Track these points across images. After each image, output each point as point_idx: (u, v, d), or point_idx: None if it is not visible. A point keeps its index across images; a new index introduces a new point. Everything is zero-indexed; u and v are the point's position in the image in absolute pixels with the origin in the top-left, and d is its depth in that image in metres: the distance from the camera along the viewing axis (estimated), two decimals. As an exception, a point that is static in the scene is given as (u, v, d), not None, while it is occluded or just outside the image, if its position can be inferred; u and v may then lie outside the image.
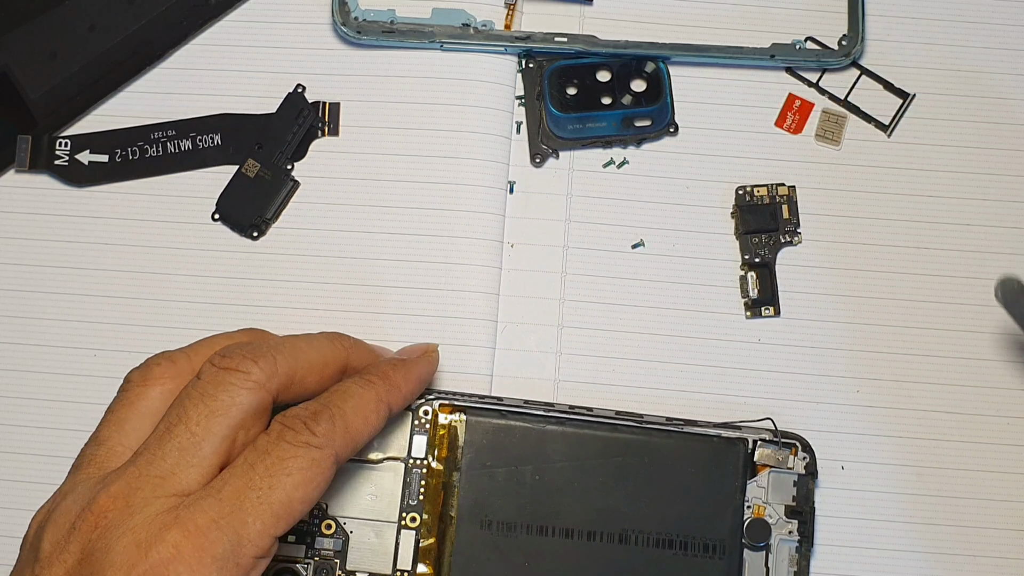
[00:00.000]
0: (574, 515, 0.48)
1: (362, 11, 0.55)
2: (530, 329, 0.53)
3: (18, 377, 0.52)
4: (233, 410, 0.42)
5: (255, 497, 0.40)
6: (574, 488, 0.48)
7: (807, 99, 0.55)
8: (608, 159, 0.54)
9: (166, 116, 0.54)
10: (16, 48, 0.53)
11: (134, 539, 0.39)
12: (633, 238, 0.54)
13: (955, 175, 0.54)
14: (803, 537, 0.48)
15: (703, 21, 0.56)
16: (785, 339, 0.52)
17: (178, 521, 0.39)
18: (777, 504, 0.49)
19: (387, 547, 0.48)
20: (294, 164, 0.54)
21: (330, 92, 0.54)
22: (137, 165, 0.54)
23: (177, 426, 0.41)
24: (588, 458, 0.49)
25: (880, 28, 0.56)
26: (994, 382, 0.52)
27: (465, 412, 0.49)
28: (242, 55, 0.55)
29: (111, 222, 0.53)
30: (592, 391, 0.52)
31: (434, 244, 0.53)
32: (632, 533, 0.48)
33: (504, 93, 0.55)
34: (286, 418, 0.42)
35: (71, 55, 0.53)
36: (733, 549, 0.48)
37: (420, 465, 0.49)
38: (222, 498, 0.40)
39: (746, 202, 0.54)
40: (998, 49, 0.55)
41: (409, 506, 0.48)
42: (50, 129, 0.54)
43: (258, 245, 0.53)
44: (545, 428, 0.49)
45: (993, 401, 0.52)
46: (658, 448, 0.49)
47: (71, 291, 0.53)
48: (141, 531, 0.39)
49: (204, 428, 0.41)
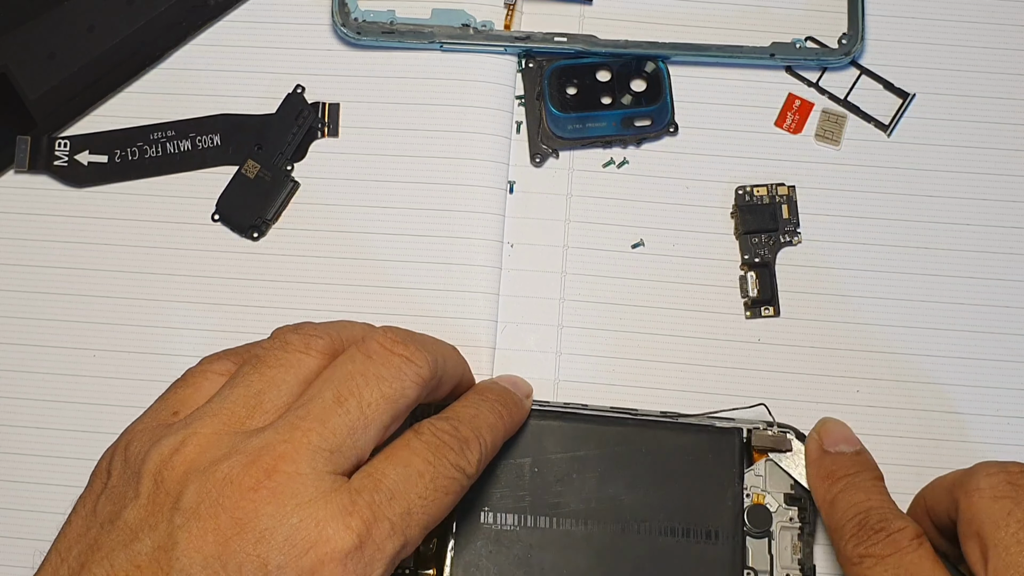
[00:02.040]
0: (574, 506, 0.48)
1: (362, 12, 0.55)
2: (530, 329, 0.53)
3: (18, 377, 0.52)
4: (402, 401, 0.41)
5: (421, 507, 0.39)
6: (573, 479, 0.48)
7: (807, 99, 0.55)
8: (608, 159, 0.54)
9: (166, 117, 0.54)
10: (15, 49, 0.53)
11: (305, 517, 0.37)
12: (633, 238, 0.54)
13: (955, 175, 0.54)
14: (804, 523, 0.49)
15: (703, 21, 0.56)
16: (785, 339, 0.52)
17: (358, 513, 0.38)
18: (776, 492, 0.49)
19: None
20: (294, 165, 0.54)
21: (330, 93, 0.54)
22: (137, 166, 0.54)
23: (348, 401, 0.40)
24: (585, 449, 0.49)
25: (880, 28, 0.55)
26: (994, 382, 0.52)
27: None
28: (242, 56, 0.55)
29: (111, 223, 0.53)
30: (592, 391, 0.52)
31: (434, 244, 0.53)
32: (633, 522, 0.48)
33: (504, 93, 0.55)
34: (441, 433, 0.41)
35: (70, 55, 0.53)
36: (735, 535, 0.48)
37: None
38: (394, 505, 0.39)
39: (746, 202, 0.54)
40: (998, 49, 0.55)
41: None
42: (49, 130, 0.54)
43: (258, 246, 0.53)
44: (542, 423, 0.49)
45: (993, 401, 0.52)
46: (654, 438, 0.49)
47: (71, 292, 0.53)
48: (320, 509, 0.37)
49: (375, 412, 0.40)
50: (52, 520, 0.51)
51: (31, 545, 0.50)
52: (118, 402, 0.52)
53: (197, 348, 0.52)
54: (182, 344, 0.52)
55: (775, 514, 0.49)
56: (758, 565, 0.48)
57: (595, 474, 0.48)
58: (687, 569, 0.47)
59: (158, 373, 0.52)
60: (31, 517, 0.51)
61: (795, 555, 0.48)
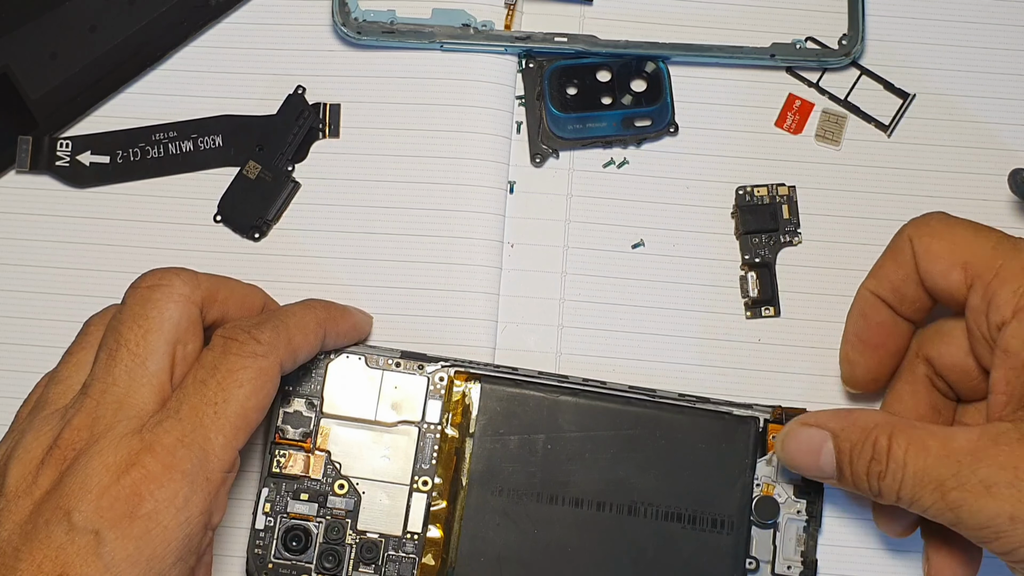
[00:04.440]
0: (584, 485, 0.49)
1: (362, 12, 0.55)
2: (530, 329, 0.53)
3: (19, 378, 0.52)
4: (166, 324, 0.43)
5: (212, 413, 0.42)
6: (585, 459, 0.49)
7: (807, 99, 0.55)
8: (608, 159, 0.54)
9: (167, 117, 0.54)
10: (17, 49, 0.53)
11: (103, 463, 0.40)
12: (633, 238, 0.54)
13: (955, 175, 0.54)
14: (811, 517, 0.49)
15: (703, 21, 0.56)
16: (785, 339, 0.53)
17: (144, 443, 0.40)
18: (786, 484, 0.49)
19: (398, 509, 0.49)
20: (295, 165, 0.54)
21: (330, 93, 0.55)
22: (138, 166, 0.54)
23: (119, 351, 0.42)
24: (600, 429, 0.49)
25: (880, 28, 0.55)
26: (994, 382, 0.52)
27: (480, 380, 0.50)
28: (243, 56, 0.55)
29: (112, 223, 0.54)
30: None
31: (434, 244, 0.53)
32: (641, 505, 0.48)
33: (504, 93, 0.55)
34: (228, 330, 0.44)
35: (72, 56, 0.53)
36: (741, 525, 0.48)
37: (434, 430, 0.49)
38: (181, 417, 0.41)
39: (746, 202, 0.54)
40: (998, 49, 0.55)
41: (421, 470, 0.49)
42: (51, 130, 0.54)
43: (259, 246, 0.53)
44: (558, 399, 0.49)
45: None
46: (669, 422, 0.49)
47: (72, 292, 0.53)
48: (110, 455, 0.40)
49: (144, 347, 0.42)
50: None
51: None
52: (120, 402, 0.52)
53: (198, 348, 0.52)
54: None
55: (783, 506, 0.49)
56: (761, 555, 0.48)
57: (607, 455, 0.49)
58: (690, 555, 0.48)
59: (159, 373, 0.52)
60: None
61: (799, 547, 0.49)
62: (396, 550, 0.48)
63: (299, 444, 0.49)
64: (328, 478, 0.49)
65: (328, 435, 0.49)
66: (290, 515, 0.48)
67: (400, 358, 0.50)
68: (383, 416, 0.49)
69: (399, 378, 0.50)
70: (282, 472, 0.49)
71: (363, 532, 0.48)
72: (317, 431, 0.49)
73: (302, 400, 0.49)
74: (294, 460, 0.49)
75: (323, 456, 0.49)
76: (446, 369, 0.50)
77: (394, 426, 0.49)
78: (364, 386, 0.49)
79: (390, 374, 0.50)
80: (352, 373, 0.50)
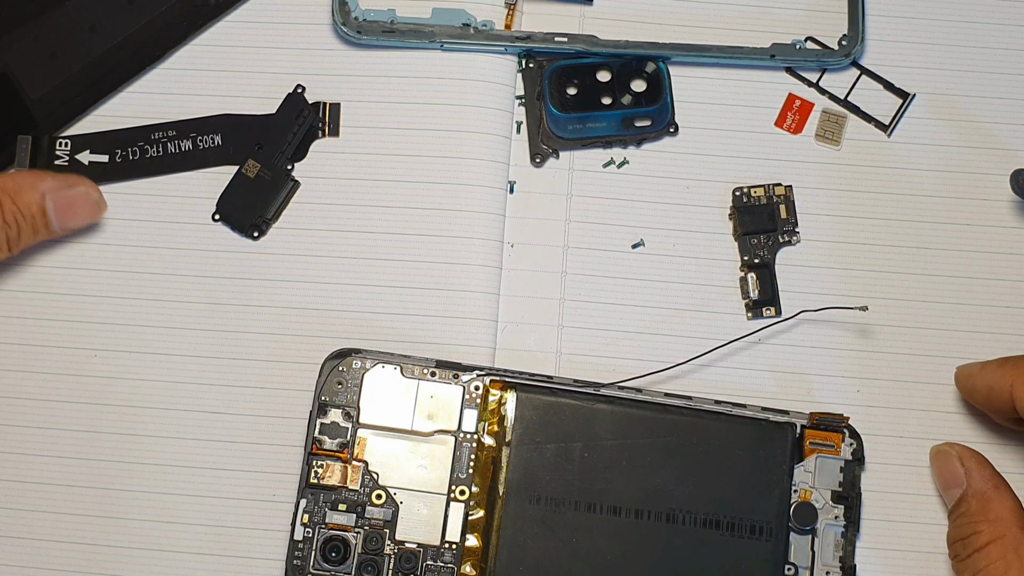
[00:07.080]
0: (622, 493, 0.49)
1: (362, 11, 0.55)
2: (530, 329, 0.53)
3: (19, 377, 0.52)
4: None
5: None
6: (622, 466, 0.49)
7: (807, 99, 0.55)
8: (608, 159, 0.54)
9: (166, 116, 0.54)
10: (16, 49, 0.53)
11: None
12: (633, 238, 0.54)
13: (955, 175, 0.54)
14: (849, 522, 0.49)
15: (703, 21, 0.56)
16: (785, 339, 0.53)
17: None
18: (824, 489, 0.49)
19: (436, 518, 0.49)
20: (294, 164, 0.54)
21: (330, 92, 0.54)
22: (137, 165, 0.54)
23: None
24: (636, 437, 0.49)
25: (880, 28, 0.56)
26: (994, 382, 0.52)
27: (516, 389, 0.50)
28: (242, 55, 0.55)
29: (111, 222, 0.53)
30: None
31: (434, 244, 0.53)
32: (679, 513, 0.48)
33: (504, 93, 0.55)
34: None
35: (71, 55, 0.53)
36: (779, 531, 0.48)
37: (470, 439, 0.49)
38: None
39: (743, 203, 0.54)
40: (998, 49, 0.55)
41: (459, 479, 0.49)
42: (50, 129, 0.54)
43: (258, 245, 0.53)
44: (595, 406, 0.49)
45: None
46: (706, 429, 0.49)
47: (71, 291, 0.53)
48: None
49: None
50: (52, 520, 0.51)
51: (31, 545, 0.50)
52: (118, 402, 0.52)
53: (197, 348, 0.52)
54: (182, 344, 0.52)
55: (821, 511, 0.49)
56: (799, 561, 0.48)
57: (644, 463, 0.49)
58: (729, 562, 0.48)
59: (158, 373, 0.52)
60: (31, 517, 0.51)
61: (837, 552, 0.49)
62: (435, 560, 0.48)
63: (336, 455, 0.49)
64: (366, 488, 0.49)
65: (365, 445, 0.49)
66: (328, 526, 0.48)
67: (435, 367, 0.50)
68: (419, 426, 0.49)
69: (434, 387, 0.50)
70: (320, 483, 0.49)
71: (401, 542, 0.48)
72: (354, 441, 0.49)
73: (339, 411, 0.49)
74: (331, 471, 0.49)
75: (360, 466, 0.49)
76: (481, 378, 0.50)
77: (430, 435, 0.49)
78: (400, 396, 0.49)
79: (425, 383, 0.50)
80: (388, 383, 0.50)
